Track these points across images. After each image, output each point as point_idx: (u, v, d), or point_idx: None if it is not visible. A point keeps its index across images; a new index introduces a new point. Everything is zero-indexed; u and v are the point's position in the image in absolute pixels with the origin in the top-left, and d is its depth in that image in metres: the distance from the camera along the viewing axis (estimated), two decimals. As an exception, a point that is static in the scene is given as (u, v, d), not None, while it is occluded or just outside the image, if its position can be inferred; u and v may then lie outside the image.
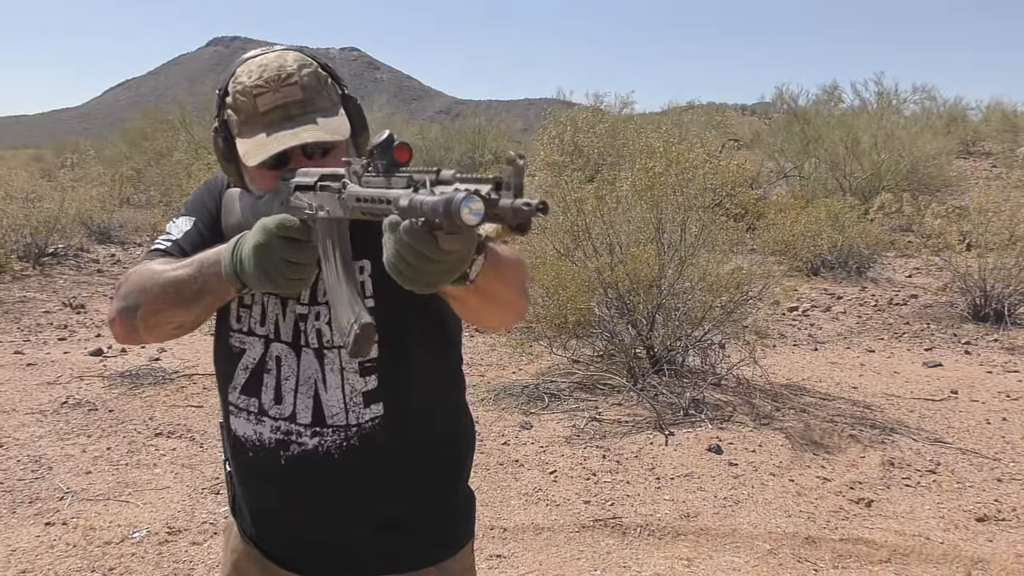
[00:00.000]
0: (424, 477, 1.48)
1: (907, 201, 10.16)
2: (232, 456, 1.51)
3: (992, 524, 3.80)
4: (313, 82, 1.34)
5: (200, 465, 4.45)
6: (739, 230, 6.27)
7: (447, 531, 1.53)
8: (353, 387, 1.40)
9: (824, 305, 8.95)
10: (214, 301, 1.30)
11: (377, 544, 1.45)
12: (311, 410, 1.40)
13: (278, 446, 1.41)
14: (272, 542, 1.50)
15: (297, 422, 1.40)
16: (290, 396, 1.41)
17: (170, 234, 1.45)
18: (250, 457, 1.45)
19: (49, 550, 3.52)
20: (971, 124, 23.83)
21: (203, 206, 1.48)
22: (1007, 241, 7.86)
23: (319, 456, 1.40)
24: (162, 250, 1.42)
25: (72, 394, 5.58)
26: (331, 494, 1.42)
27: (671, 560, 3.48)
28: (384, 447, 1.41)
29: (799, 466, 4.42)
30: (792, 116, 18.66)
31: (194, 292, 1.28)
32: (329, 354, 1.40)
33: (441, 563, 1.49)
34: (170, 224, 1.48)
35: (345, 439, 1.40)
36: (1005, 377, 6.22)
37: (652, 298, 5.61)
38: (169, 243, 1.43)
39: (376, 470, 1.42)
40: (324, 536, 1.45)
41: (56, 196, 11.51)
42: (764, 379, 5.67)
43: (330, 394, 1.40)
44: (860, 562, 3.46)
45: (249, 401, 1.44)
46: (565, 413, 5.18)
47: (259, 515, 1.50)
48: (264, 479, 1.45)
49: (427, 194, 0.94)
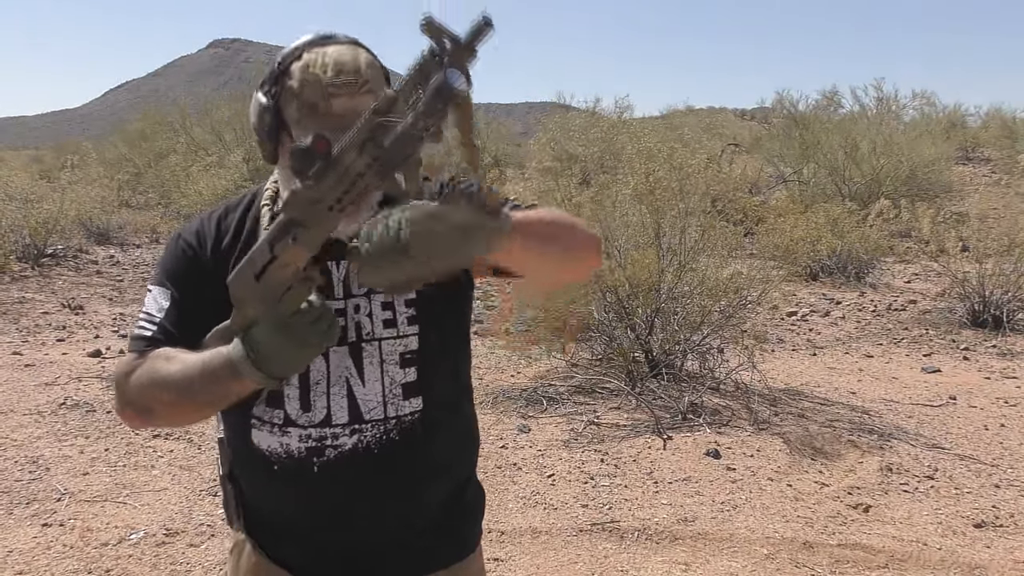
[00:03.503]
0: (456, 471, 1.49)
1: (904, 207, 10.16)
2: (249, 471, 1.44)
3: (990, 530, 3.80)
4: (379, 87, 1.32)
5: (198, 467, 4.45)
6: (738, 234, 6.28)
7: (471, 526, 1.54)
8: (393, 379, 1.37)
9: (823, 310, 8.95)
10: (237, 396, 1.25)
11: (414, 543, 1.43)
12: (347, 409, 1.36)
13: (310, 454, 1.36)
14: (296, 555, 1.44)
15: (332, 424, 1.36)
16: (321, 400, 1.36)
17: (151, 314, 1.37)
18: (275, 471, 1.38)
19: (46, 551, 3.51)
20: (970, 130, 23.84)
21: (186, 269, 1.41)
22: (1006, 247, 7.87)
23: (359, 454, 1.36)
24: (147, 337, 1.35)
25: (70, 395, 5.57)
26: (370, 491, 1.38)
27: (668, 565, 3.48)
28: (422, 441, 1.39)
29: (797, 471, 4.42)
30: (791, 121, 18.66)
31: (211, 399, 1.26)
32: (368, 347, 1.36)
33: (467, 558, 1.51)
34: (147, 297, 1.40)
35: (384, 432, 1.36)
36: (1003, 383, 6.22)
37: (651, 302, 5.61)
38: (154, 327, 1.36)
39: (415, 464, 1.39)
40: (359, 538, 1.41)
41: (55, 197, 11.51)
42: (762, 384, 5.67)
43: (368, 388, 1.36)
44: (858, 568, 3.46)
45: (273, 413, 1.38)
46: (563, 417, 5.18)
47: (281, 528, 1.44)
48: (291, 490, 1.39)
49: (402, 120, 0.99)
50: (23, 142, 73.05)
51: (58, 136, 60.22)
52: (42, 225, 10.85)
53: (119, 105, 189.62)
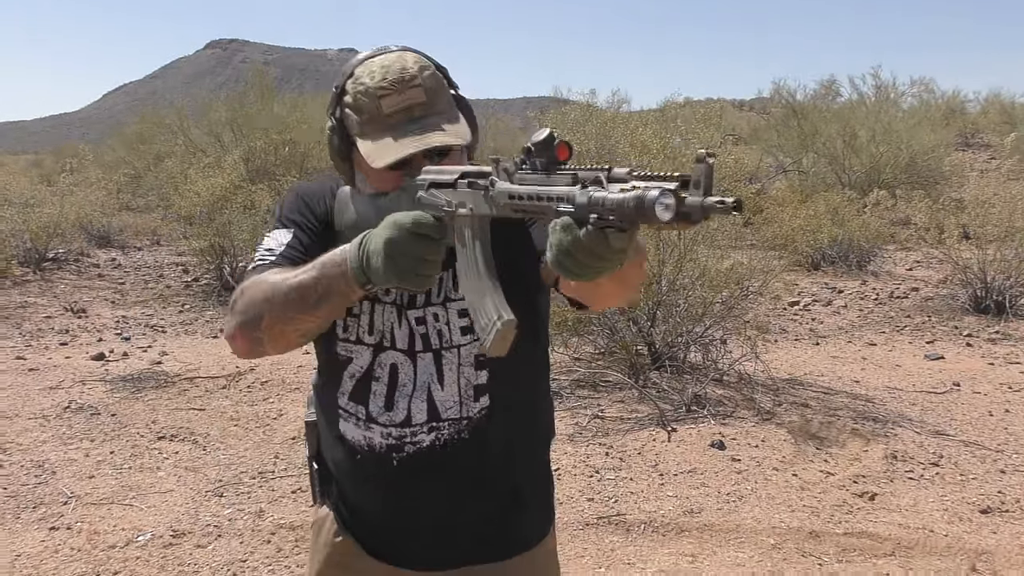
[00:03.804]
0: (523, 464, 1.55)
1: (901, 196, 10.16)
2: (334, 457, 1.53)
3: (996, 516, 3.80)
4: (433, 84, 1.38)
5: (203, 468, 4.46)
6: (737, 225, 6.27)
7: (539, 513, 1.60)
8: (468, 380, 1.45)
9: (825, 299, 8.95)
10: (340, 303, 1.30)
11: (484, 531, 1.50)
12: (426, 411, 1.44)
13: (390, 450, 1.44)
14: (373, 537, 1.52)
15: (412, 424, 1.44)
16: (403, 402, 1.44)
17: (271, 248, 1.44)
18: (357, 460, 1.48)
19: (54, 555, 3.52)
20: (969, 116, 23.81)
21: (303, 213, 1.48)
22: (1005, 233, 7.86)
23: (436, 450, 1.44)
24: (268, 264, 1.41)
25: (74, 399, 5.58)
26: (444, 485, 1.46)
27: (675, 556, 3.48)
28: (491, 436, 1.46)
29: (802, 461, 4.42)
30: (790, 111, 18.62)
31: (319, 296, 1.28)
32: (447, 354, 1.44)
33: (537, 545, 1.57)
34: (266, 239, 1.47)
35: (457, 431, 1.44)
36: (1007, 369, 6.22)
37: (652, 295, 5.61)
38: (273, 257, 1.42)
39: (484, 458, 1.47)
40: (430, 527, 1.48)
41: (56, 201, 11.52)
42: (766, 374, 5.67)
43: (446, 391, 1.44)
44: (864, 556, 3.46)
45: (357, 408, 1.47)
46: (567, 411, 5.18)
47: (361, 511, 1.53)
48: (372, 480, 1.48)
49: (605, 191, 0.96)
50: (22, 146, 73.11)
51: (57, 140, 60.28)
52: (43, 229, 10.86)
53: (117, 108, 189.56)
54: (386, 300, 1.45)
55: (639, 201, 0.90)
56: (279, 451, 4.69)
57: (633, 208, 0.91)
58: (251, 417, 5.26)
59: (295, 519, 3.84)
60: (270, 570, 3.43)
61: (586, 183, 1.00)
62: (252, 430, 5.04)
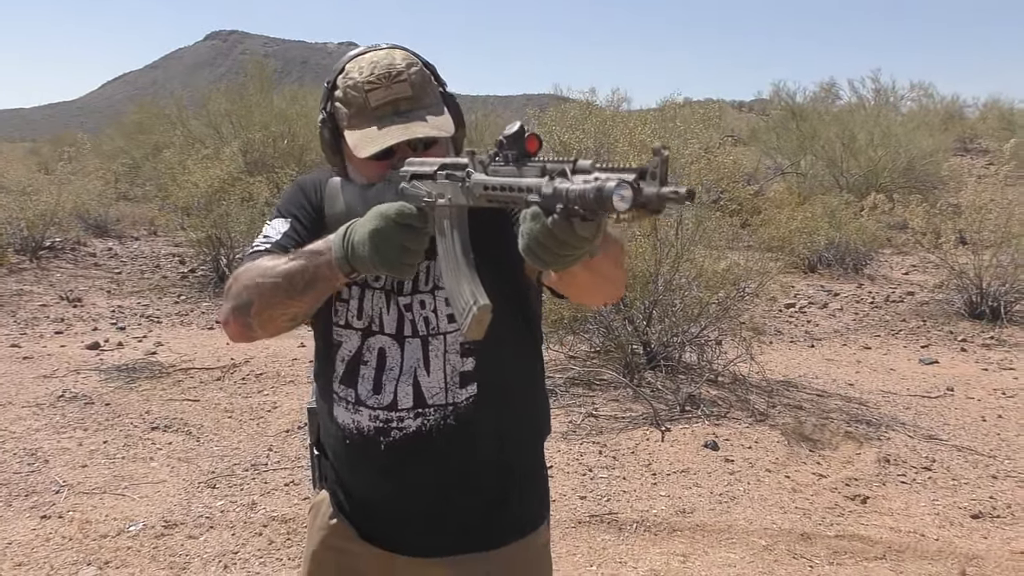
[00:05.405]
0: (510, 452, 1.55)
1: (898, 200, 10.18)
2: (331, 442, 1.57)
3: (987, 521, 3.81)
4: (420, 80, 1.43)
5: (196, 459, 4.45)
6: (734, 226, 6.27)
7: (531, 504, 1.61)
8: (453, 367, 1.48)
9: (821, 302, 8.96)
10: (325, 289, 1.36)
11: (471, 519, 1.52)
12: (411, 395, 1.47)
13: (377, 433, 1.48)
14: (366, 522, 1.55)
15: (398, 408, 1.47)
16: (390, 385, 1.48)
17: (268, 236, 1.49)
18: (348, 444, 1.52)
19: (45, 543, 3.51)
20: (968, 121, 23.85)
21: (301, 204, 1.54)
22: (1001, 239, 7.87)
23: (422, 435, 1.46)
24: (263, 251, 1.46)
25: (68, 387, 5.57)
26: (432, 471, 1.48)
27: (667, 556, 3.49)
28: (478, 424, 1.48)
29: (795, 462, 4.43)
30: (789, 113, 18.64)
31: (306, 282, 1.33)
32: (434, 341, 1.48)
33: (528, 536, 1.57)
34: (266, 227, 1.53)
35: (443, 417, 1.47)
36: (1001, 374, 6.24)
37: (648, 294, 5.61)
38: (269, 244, 1.47)
39: (472, 446, 1.49)
40: (421, 514, 1.51)
41: (53, 189, 11.49)
42: (760, 376, 5.68)
43: (431, 377, 1.47)
44: (855, 558, 3.47)
45: (347, 391, 1.51)
46: (561, 409, 5.18)
47: (355, 496, 1.56)
48: (362, 464, 1.52)
49: (570, 182, 1.00)
50: (20, 134, 72.84)
51: (56, 128, 60.06)
52: (40, 217, 10.84)
53: (116, 97, 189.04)
54: (376, 286, 1.49)
55: (598, 192, 0.95)
56: (273, 444, 4.69)
57: (593, 198, 0.96)
58: (245, 409, 5.26)
59: (287, 512, 3.84)
60: (261, 562, 3.43)
61: (553, 175, 1.04)
62: (246, 422, 5.04)
